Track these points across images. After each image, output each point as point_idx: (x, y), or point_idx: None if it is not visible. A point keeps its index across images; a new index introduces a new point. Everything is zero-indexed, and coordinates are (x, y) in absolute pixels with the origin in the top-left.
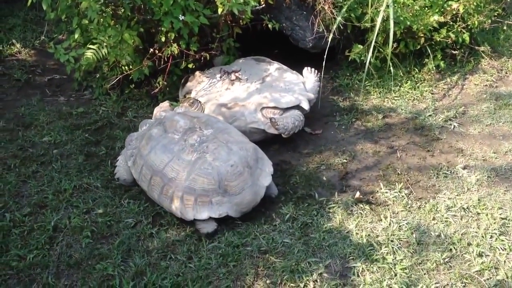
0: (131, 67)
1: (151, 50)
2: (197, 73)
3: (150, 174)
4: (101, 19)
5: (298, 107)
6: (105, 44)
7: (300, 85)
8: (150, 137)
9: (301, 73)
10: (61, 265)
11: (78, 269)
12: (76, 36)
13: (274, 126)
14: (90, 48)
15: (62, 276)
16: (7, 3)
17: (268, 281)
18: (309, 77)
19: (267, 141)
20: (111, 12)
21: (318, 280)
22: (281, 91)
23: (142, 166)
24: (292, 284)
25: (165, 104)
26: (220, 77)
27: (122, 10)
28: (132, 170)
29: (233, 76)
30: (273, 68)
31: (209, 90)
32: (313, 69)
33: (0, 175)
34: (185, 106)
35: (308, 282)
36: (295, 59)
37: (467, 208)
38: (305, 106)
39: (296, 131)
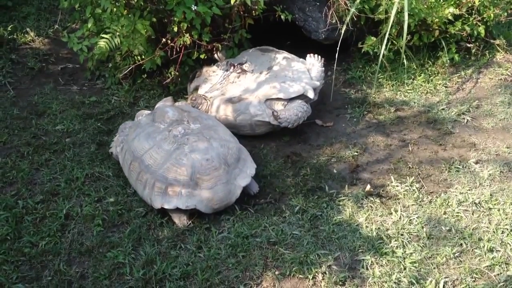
0: (143, 57)
1: (164, 40)
2: (204, 68)
3: (130, 160)
4: (114, 9)
5: (304, 96)
6: (118, 33)
7: (306, 74)
8: (138, 124)
9: None
10: (72, 253)
11: (89, 257)
12: (89, 25)
13: (277, 119)
14: (103, 38)
15: (73, 263)
16: None
17: (276, 272)
18: (314, 64)
19: (277, 133)
20: (124, 2)
21: (327, 272)
22: (286, 81)
23: (126, 151)
24: (300, 276)
25: (169, 98)
26: (227, 70)
27: None
28: (119, 156)
29: (239, 69)
30: (279, 57)
31: (216, 85)
32: (316, 55)
33: (13, 163)
34: (187, 103)
35: (316, 274)
36: (307, 50)
37: (479, 203)
38: (311, 95)
39: (301, 122)
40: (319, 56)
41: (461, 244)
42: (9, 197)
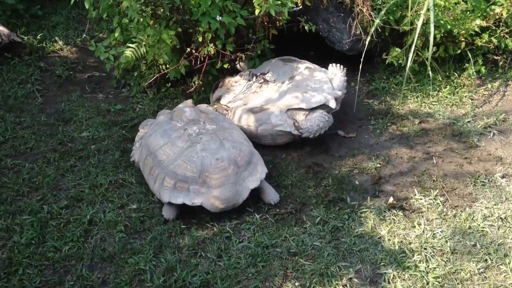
0: (168, 66)
1: (188, 49)
2: (227, 78)
3: (145, 155)
4: (141, 19)
5: (326, 106)
6: (144, 43)
7: (328, 83)
8: (157, 122)
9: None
10: (95, 258)
11: (111, 263)
12: (116, 34)
13: (298, 130)
14: (129, 47)
15: (95, 268)
16: (51, 1)
17: (297, 284)
18: (337, 73)
19: (299, 143)
20: (150, 12)
21: (348, 285)
22: (308, 90)
23: (143, 146)
24: None
25: (189, 101)
26: (249, 80)
27: (162, 10)
28: (138, 151)
29: (261, 79)
30: (301, 67)
31: (238, 95)
32: (339, 65)
33: (39, 168)
34: (208, 106)
35: (337, 287)
36: (331, 61)
37: (505, 218)
38: (332, 105)
39: (323, 132)
40: (342, 66)
41: (486, 260)
42: (34, 202)
